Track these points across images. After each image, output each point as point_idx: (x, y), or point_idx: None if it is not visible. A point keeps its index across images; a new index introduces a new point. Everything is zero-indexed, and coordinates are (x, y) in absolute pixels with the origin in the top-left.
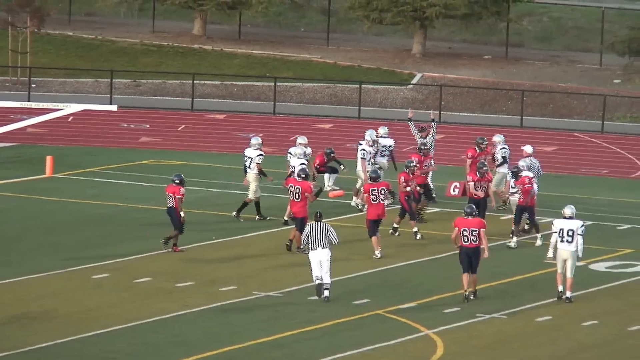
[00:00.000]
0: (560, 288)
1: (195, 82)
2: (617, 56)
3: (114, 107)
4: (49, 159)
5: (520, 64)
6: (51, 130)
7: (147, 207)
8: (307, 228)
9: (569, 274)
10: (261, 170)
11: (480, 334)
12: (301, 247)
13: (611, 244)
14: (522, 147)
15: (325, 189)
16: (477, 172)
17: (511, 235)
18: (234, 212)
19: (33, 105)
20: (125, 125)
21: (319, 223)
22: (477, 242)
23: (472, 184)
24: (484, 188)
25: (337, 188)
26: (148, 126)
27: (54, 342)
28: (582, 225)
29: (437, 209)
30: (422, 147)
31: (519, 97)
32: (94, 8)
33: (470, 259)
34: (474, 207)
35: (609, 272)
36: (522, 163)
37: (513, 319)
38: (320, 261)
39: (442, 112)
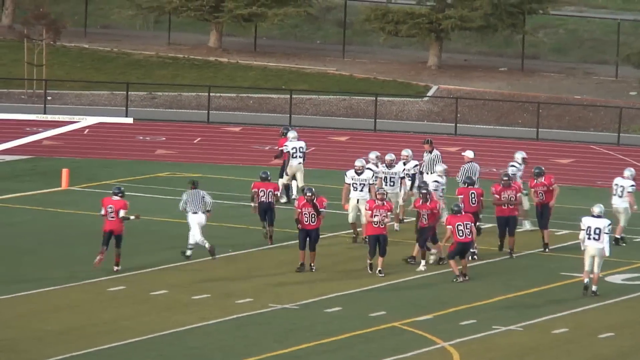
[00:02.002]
0: (587, 280)
1: (210, 94)
2: (633, 68)
3: (129, 120)
4: (64, 171)
5: (536, 76)
6: (67, 143)
7: (162, 220)
8: (185, 196)
9: (596, 270)
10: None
11: (496, 346)
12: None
13: (627, 256)
14: (463, 153)
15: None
16: (501, 183)
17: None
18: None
19: (49, 117)
20: (141, 137)
21: (195, 190)
22: (470, 236)
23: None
24: (512, 198)
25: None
26: (164, 138)
27: (70, 355)
28: (609, 224)
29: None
30: (505, 178)
31: (534, 109)
32: (110, 20)
33: (464, 251)
34: (460, 205)
35: (626, 285)
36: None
37: (529, 331)
38: (198, 223)
39: (457, 125)
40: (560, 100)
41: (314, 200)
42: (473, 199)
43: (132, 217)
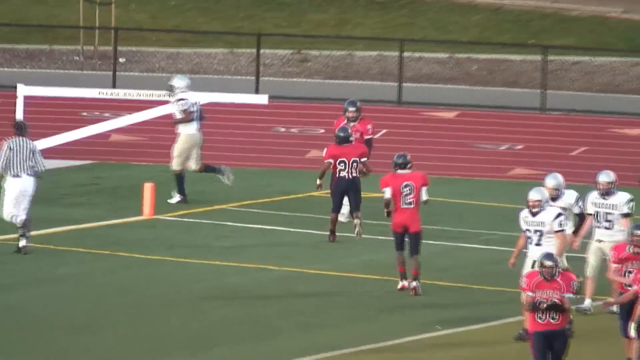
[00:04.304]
0: None
1: (404, 53)
2: None
3: (262, 98)
4: (148, 188)
5: None
6: (152, 139)
7: (319, 272)
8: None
9: None
10: None
11: None
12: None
13: None
14: None
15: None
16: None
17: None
18: None
19: (121, 94)
20: (283, 129)
21: (22, 139)
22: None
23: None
24: None
25: None
26: (322, 131)
27: None
28: None
29: None
30: None
31: None
32: None
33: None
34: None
35: None
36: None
37: None
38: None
39: None
40: None
41: None
42: None
43: None
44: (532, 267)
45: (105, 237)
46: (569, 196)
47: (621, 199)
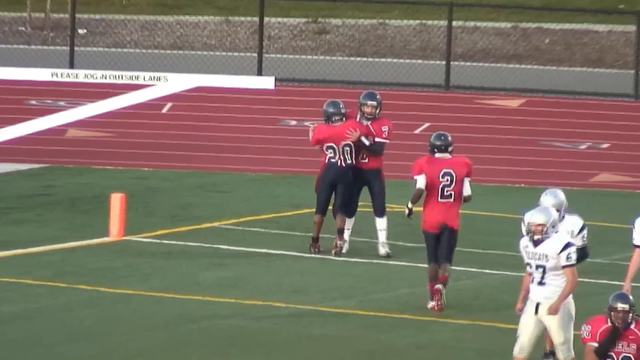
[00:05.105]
0: None
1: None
2: None
3: (268, 81)
4: (116, 200)
5: None
6: (122, 135)
7: (340, 311)
8: None
9: None
10: None
11: None
12: None
13: None
14: None
15: None
16: None
17: None
18: None
19: (81, 76)
20: (294, 122)
21: None
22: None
23: None
24: None
25: None
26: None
27: None
28: None
29: None
30: None
31: None
32: None
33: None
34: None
35: None
36: None
37: None
38: None
39: None
40: None
41: None
42: None
43: None
44: (536, 313)
45: (61, 265)
46: (572, 223)
47: None
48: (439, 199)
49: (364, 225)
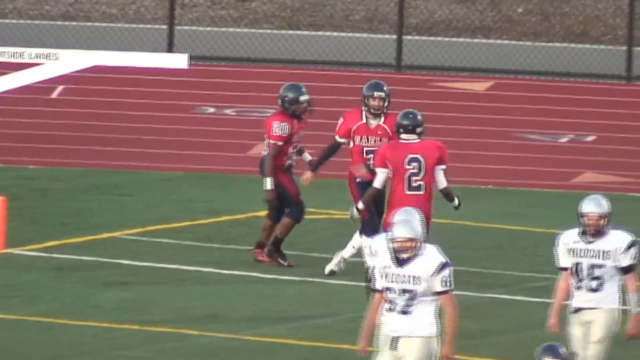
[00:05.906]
0: None
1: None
2: None
3: (180, 60)
4: None
5: None
6: (0, 125)
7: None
8: None
9: None
10: None
11: None
12: None
13: None
14: None
15: None
16: None
17: None
18: None
19: None
20: (212, 110)
21: None
22: None
23: None
24: None
25: None
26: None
27: None
28: None
29: None
30: None
31: None
32: None
33: None
34: None
35: None
36: None
37: None
38: None
39: None
40: None
41: None
42: None
43: None
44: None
45: None
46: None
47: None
48: (406, 191)
49: (297, 236)
